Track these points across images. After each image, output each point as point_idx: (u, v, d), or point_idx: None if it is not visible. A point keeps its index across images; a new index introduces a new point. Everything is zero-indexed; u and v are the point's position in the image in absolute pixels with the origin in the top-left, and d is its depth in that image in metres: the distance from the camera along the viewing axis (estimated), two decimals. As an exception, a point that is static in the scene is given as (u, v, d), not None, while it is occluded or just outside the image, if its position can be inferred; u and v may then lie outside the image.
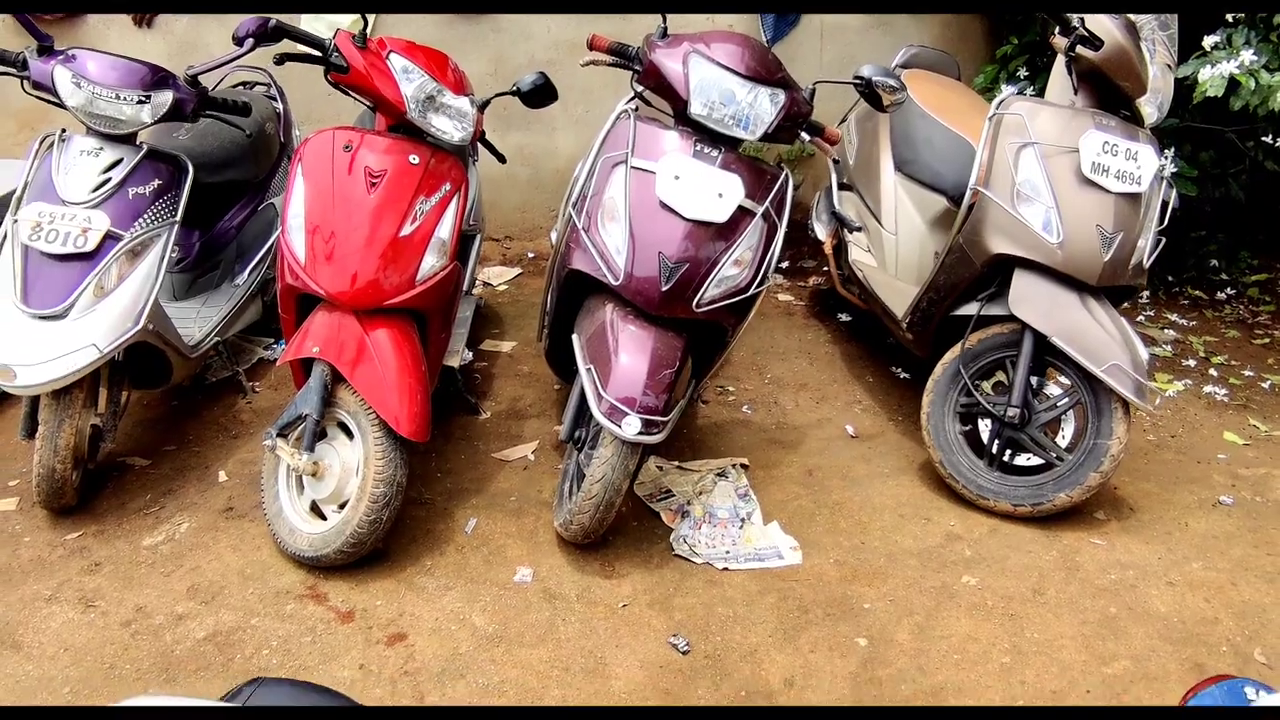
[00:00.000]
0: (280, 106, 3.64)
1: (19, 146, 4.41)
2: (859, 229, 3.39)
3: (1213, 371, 3.44)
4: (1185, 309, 3.97)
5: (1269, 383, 3.37)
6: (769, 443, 2.97)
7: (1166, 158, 3.45)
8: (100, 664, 2.11)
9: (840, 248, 3.50)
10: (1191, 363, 3.50)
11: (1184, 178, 3.49)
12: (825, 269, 3.88)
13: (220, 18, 4.17)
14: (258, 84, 3.70)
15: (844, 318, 3.83)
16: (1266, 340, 3.71)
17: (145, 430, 3.01)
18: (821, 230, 3.62)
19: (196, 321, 3.08)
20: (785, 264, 4.35)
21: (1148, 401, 2.43)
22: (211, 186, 3.16)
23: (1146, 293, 4.07)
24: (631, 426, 2.18)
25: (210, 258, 3.31)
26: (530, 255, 4.43)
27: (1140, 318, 3.87)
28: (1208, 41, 2.99)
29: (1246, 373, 3.44)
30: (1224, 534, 2.54)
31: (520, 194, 4.44)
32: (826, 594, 2.31)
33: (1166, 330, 3.75)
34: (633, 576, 2.37)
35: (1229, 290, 4.11)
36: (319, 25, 3.95)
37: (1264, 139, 3.46)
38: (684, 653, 2.13)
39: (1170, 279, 4.17)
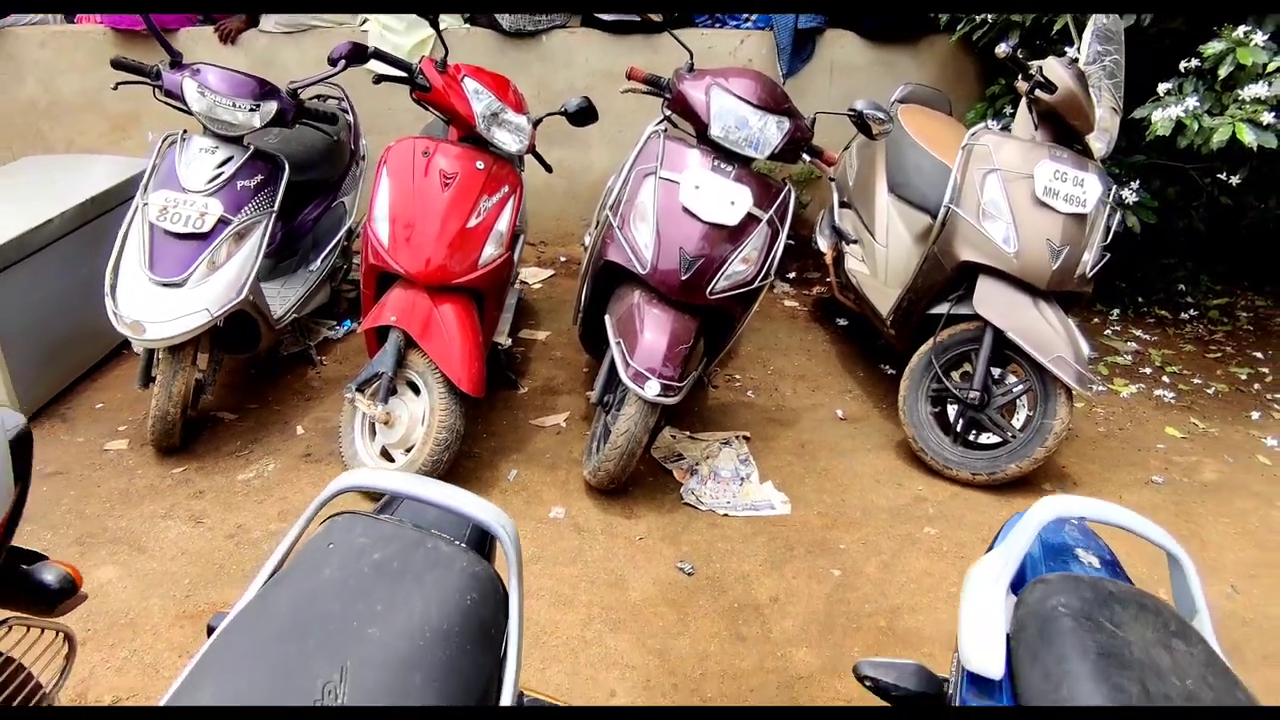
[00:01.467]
0: (351, 118, 4.16)
1: (111, 145, 4.95)
2: (855, 242, 3.85)
3: (1165, 378, 3.88)
4: (1150, 326, 4.41)
5: (1214, 389, 3.81)
6: (768, 421, 3.43)
7: (1131, 189, 3.93)
8: (211, 565, 2.59)
9: (839, 259, 3.97)
10: (1147, 370, 3.95)
11: (1145, 207, 3.94)
12: (826, 279, 4.34)
13: (294, 39, 4.70)
14: (331, 98, 4.23)
15: (841, 322, 4.29)
16: (1219, 355, 4.15)
17: (232, 392, 3.50)
18: (824, 243, 4.09)
19: (278, 299, 3.57)
20: (791, 274, 4.82)
21: (1086, 388, 2.88)
22: (295, 184, 3.65)
23: (1116, 311, 4.51)
24: (652, 389, 2.65)
25: (290, 246, 3.80)
26: (563, 259, 4.92)
27: (1108, 332, 4.32)
28: (1161, 88, 3.46)
29: (1195, 380, 3.88)
30: (1152, 505, 2.98)
31: (557, 204, 4.94)
32: (809, 537, 2.76)
33: (1129, 343, 4.20)
34: (648, 518, 2.83)
35: (1192, 312, 4.55)
36: (386, 43, 4.47)
37: (1219, 176, 3.91)
38: (689, 574, 2.59)
39: (1140, 300, 4.61)
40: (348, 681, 0.97)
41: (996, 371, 3.08)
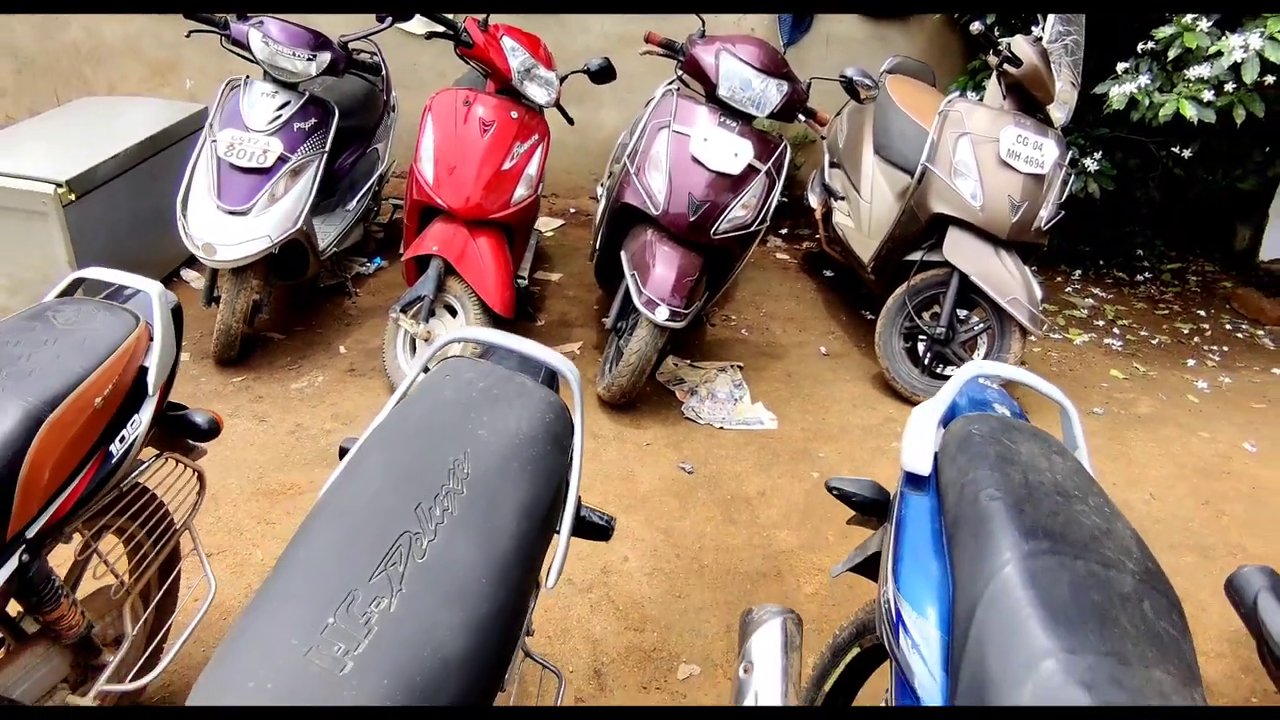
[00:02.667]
0: (384, 72, 4.51)
1: (150, 90, 5.29)
2: (843, 198, 4.26)
3: (1115, 330, 4.33)
4: (1108, 286, 4.85)
5: (1157, 340, 4.26)
6: (760, 354, 3.86)
7: (1094, 159, 4.35)
8: (277, 454, 3.00)
9: (827, 214, 4.37)
10: (1101, 323, 4.39)
11: (1106, 175, 4.35)
12: (816, 235, 4.75)
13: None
14: (365, 52, 4.57)
15: (828, 274, 4.71)
16: (1166, 312, 4.60)
17: (280, 316, 3.89)
18: (814, 199, 4.50)
19: (320, 234, 3.95)
20: (784, 230, 5.22)
21: (1037, 327, 3.31)
22: (337, 130, 4.02)
23: (1079, 272, 4.95)
24: (662, 314, 3.07)
25: (330, 187, 4.17)
26: (573, 210, 5.30)
27: (1069, 289, 4.75)
28: (1120, 67, 3.86)
29: (1142, 333, 4.33)
30: (1090, 431, 3.43)
31: (568, 159, 5.31)
32: (793, 446, 3.20)
33: (1087, 300, 4.64)
34: (654, 428, 3.26)
35: (1146, 274, 5.00)
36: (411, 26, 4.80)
37: (1173, 149, 4.33)
38: (689, 473, 3.02)
39: (1101, 263, 5.04)
40: (469, 461, 1.38)
41: (962, 312, 3.51)
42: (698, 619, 2.42)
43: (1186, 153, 4.29)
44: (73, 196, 3.44)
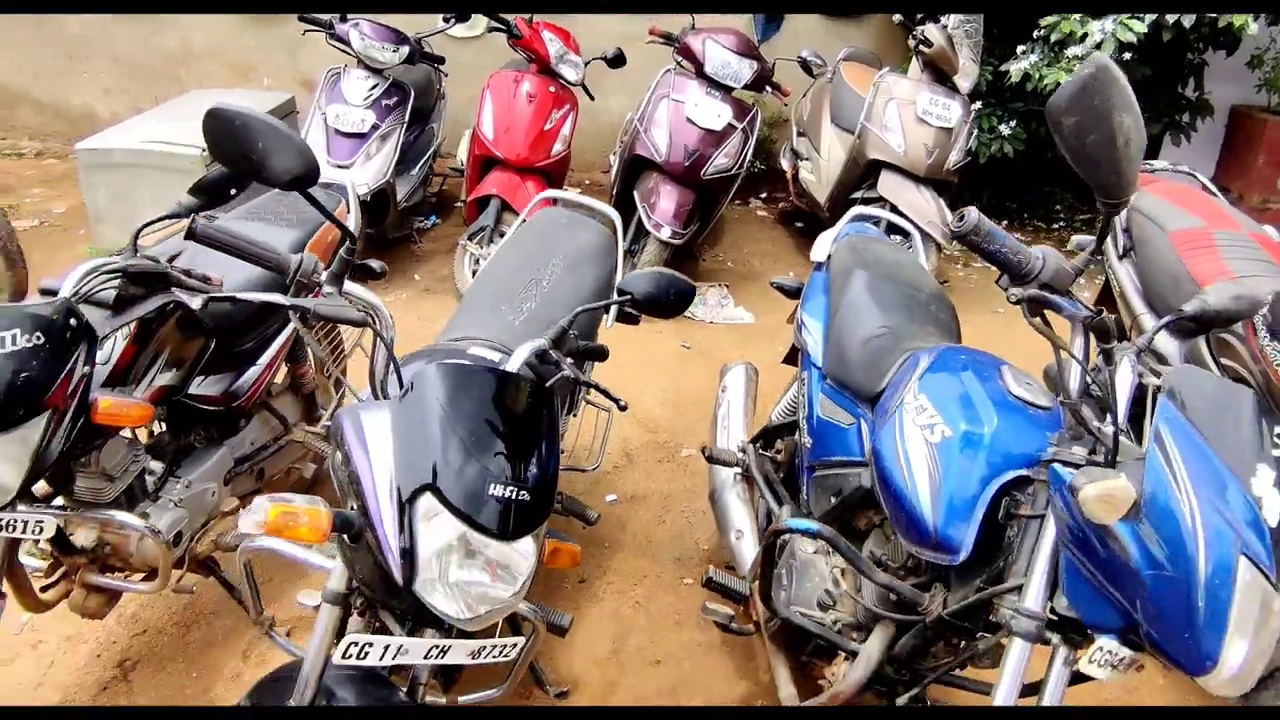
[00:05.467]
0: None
1: (233, 87, 6.35)
2: (807, 160, 5.33)
3: (1027, 261, 5.39)
4: (1027, 231, 5.93)
5: (1059, 267, 5.33)
6: (742, 278, 4.93)
7: (1008, 125, 5.42)
8: (383, 339, 4.05)
9: (795, 175, 5.45)
10: (1016, 256, 5.46)
11: (1016, 138, 5.42)
12: (788, 197, 5.81)
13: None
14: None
15: (799, 225, 5.78)
16: (1071, 251, 5.67)
17: (362, 256, 4.95)
18: (785, 163, 5.57)
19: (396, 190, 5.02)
20: (764, 195, 6.30)
21: (948, 242, 4.38)
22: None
23: (1005, 222, 6.02)
24: (666, 233, 4.14)
25: (402, 154, 5.23)
26: (587, 182, 6.37)
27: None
28: (1019, 49, 4.95)
29: (1048, 263, 5.40)
30: (990, 325, 4.50)
31: (582, 139, 6.25)
32: (766, 333, 4.26)
33: (1008, 241, 5.70)
34: (661, 322, 4.31)
35: (1061, 222, 6.08)
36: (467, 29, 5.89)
37: (1072, 117, 5.41)
38: (687, 348, 4.09)
39: (1025, 215, 6.12)
40: (562, 253, 2.44)
41: (896, 238, 4.57)
42: (693, 425, 3.48)
43: (1083, 120, 5.37)
44: (210, 159, 4.50)
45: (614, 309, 2.07)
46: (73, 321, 1.68)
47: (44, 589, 2.11)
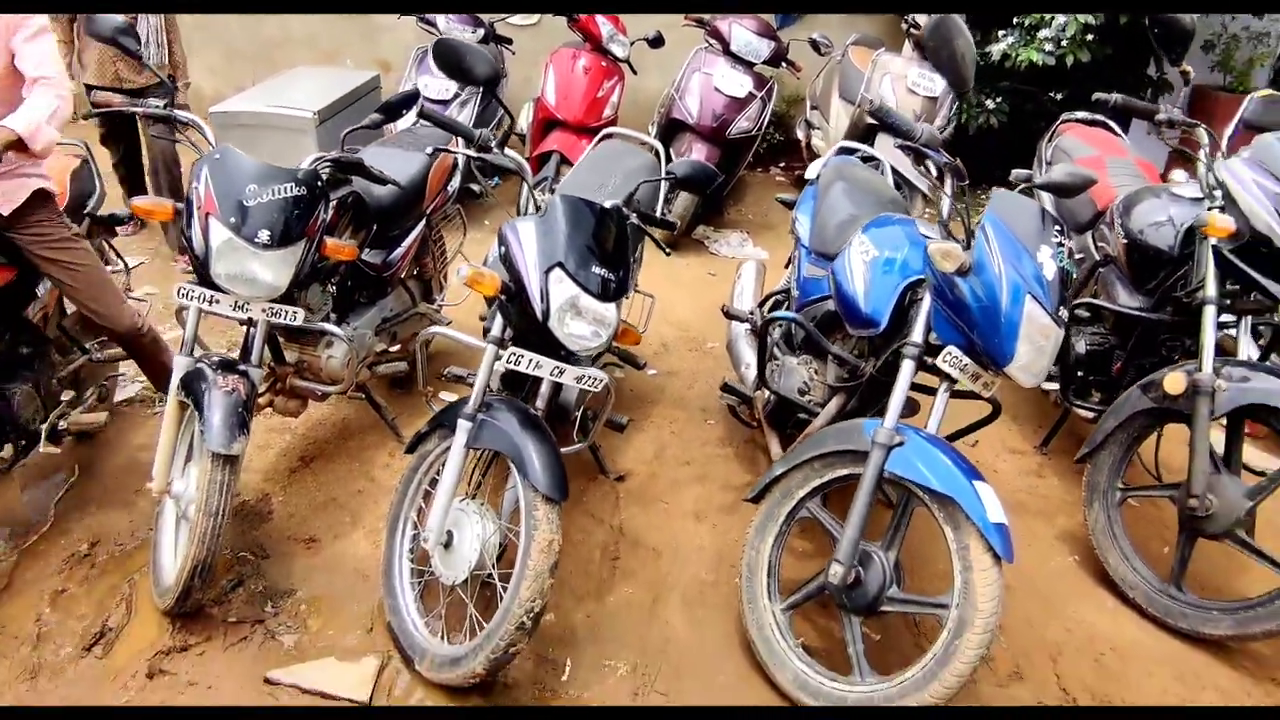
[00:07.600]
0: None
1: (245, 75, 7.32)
2: (818, 129, 6.21)
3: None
4: (1013, 196, 6.76)
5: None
6: (760, 227, 5.82)
7: (994, 101, 6.26)
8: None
9: (809, 144, 6.32)
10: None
11: (1001, 111, 6.25)
12: (803, 164, 6.67)
13: None
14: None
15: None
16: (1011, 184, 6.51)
17: (442, 203, 5.90)
18: (800, 133, 6.45)
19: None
20: (782, 164, 7.18)
21: (931, 194, 5.23)
22: (476, 84, 6.04)
23: (994, 188, 6.85)
24: (696, 181, 5.05)
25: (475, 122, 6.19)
26: (627, 151, 7.28)
27: (983, 196, 6.67)
28: (999, 33, 5.79)
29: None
30: (969, 261, 5.35)
31: (622, 113, 7.28)
32: (776, 266, 5.14)
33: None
34: (690, 257, 5.22)
35: (1044, 189, 6.89)
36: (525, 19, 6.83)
37: (1051, 94, 6.24)
38: (713, 275, 4.99)
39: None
40: (621, 167, 3.35)
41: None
42: (717, 326, 4.39)
43: (1059, 95, 6.20)
44: (319, 120, 5.46)
45: (662, 185, 2.96)
46: (318, 183, 2.62)
47: (261, 394, 3.06)
